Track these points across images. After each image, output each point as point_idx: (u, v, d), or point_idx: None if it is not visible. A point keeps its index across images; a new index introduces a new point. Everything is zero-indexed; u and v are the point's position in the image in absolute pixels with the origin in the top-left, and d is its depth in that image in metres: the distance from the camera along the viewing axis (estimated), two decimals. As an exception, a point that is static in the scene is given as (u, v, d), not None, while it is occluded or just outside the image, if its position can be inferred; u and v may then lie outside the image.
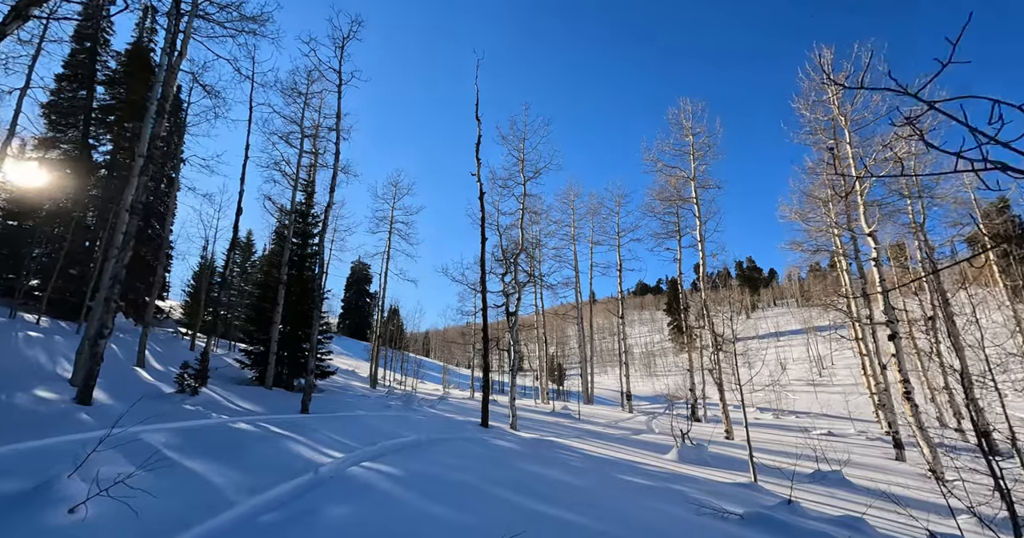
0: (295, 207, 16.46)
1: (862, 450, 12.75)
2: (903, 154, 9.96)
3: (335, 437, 7.23)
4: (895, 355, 10.06)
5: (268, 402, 10.94)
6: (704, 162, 16.97)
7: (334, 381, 22.63)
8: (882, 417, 18.30)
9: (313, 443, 6.50)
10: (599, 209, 25.82)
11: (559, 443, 9.90)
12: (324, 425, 8.12)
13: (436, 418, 11.69)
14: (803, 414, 23.83)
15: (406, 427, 9.33)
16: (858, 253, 12.63)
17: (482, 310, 11.65)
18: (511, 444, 8.76)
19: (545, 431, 12.72)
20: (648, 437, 13.09)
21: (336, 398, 14.25)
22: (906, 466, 10.45)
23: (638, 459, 8.92)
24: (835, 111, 11.34)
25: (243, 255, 32.02)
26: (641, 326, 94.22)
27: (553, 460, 7.68)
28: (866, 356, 19.25)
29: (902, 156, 10.04)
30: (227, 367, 17.15)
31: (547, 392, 25.78)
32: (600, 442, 10.91)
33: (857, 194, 10.85)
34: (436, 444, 7.77)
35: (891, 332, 10.18)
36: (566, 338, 62.66)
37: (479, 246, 12.06)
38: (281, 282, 15.62)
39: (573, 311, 29.15)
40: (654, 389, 49.48)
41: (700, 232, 16.50)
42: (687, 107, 17.07)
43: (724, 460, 9.50)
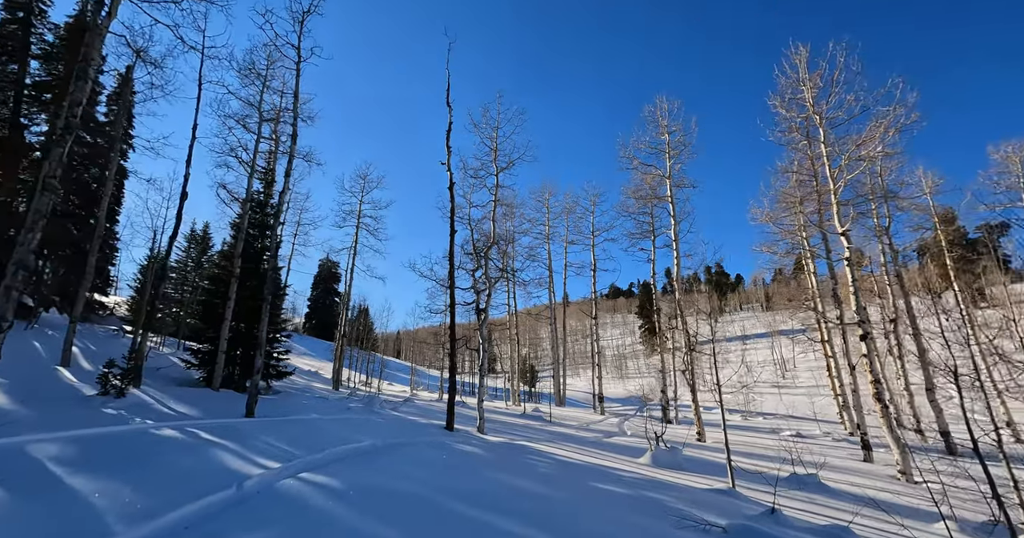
0: (251, 196, 15.33)
1: (831, 451, 12.75)
2: (876, 153, 9.93)
3: (276, 444, 6.42)
4: (866, 356, 9.99)
5: (210, 405, 9.92)
6: (679, 161, 16.87)
7: (293, 382, 21.39)
8: (846, 418, 18.63)
9: (247, 451, 5.69)
10: (574, 208, 25.58)
11: (529, 448, 9.33)
12: (267, 430, 7.28)
13: (398, 421, 10.92)
14: (770, 415, 24.16)
15: (362, 431, 8.55)
16: (829, 253, 12.65)
17: (450, 307, 10.97)
18: (477, 449, 8.13)
19: (515, 434, 12.14)
20: (621, 440, 12.70)
21: (291, 400, 13.25)
22: (875, 467, 10.41)
23: (612, 464, 8.44)
24: (810, 109, 11.28)
25: (199, 249, 30.11)
26: (613, 329, 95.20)
27: (522, 467, 7.10)
28: (831, 358, 19.59)
29: (875, 156, 10.02)
30: (172, 367, 15.82)
31: (518, 394, 25.23)
32: (572, 446, 10.42)
33: (831, 193, 10.78)
34: (393, 450, 7.05)
35: (863, 332, 10.11)
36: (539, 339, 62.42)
37: (448, 239, 11.40)
38: (234, 275, 14.46)
39: (546, 312, 28.75)
40: (625, 391, 49.78)
41: (674, 231, 16.34)
42: (663, 105, 16.94)
43: (699, 463, 9.16)
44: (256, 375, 9.43)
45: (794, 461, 8.20)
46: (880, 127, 9.51)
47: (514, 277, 17.50)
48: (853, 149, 9.91)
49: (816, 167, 12.77)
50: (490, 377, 51.80)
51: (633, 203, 20.38)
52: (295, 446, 6.43)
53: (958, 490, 7.28)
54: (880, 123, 9.55)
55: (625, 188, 19.57)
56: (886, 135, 9.45)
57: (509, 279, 20.94)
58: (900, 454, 9.09)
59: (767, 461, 9.86)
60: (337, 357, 21.96)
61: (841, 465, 10.31)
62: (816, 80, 11.30)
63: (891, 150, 9.91)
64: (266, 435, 6.86)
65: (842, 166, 10.58)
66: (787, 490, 7.12)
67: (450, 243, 11.26)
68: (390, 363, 47.89)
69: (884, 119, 9.59)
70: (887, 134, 9.43)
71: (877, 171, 14.85)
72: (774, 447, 12.74)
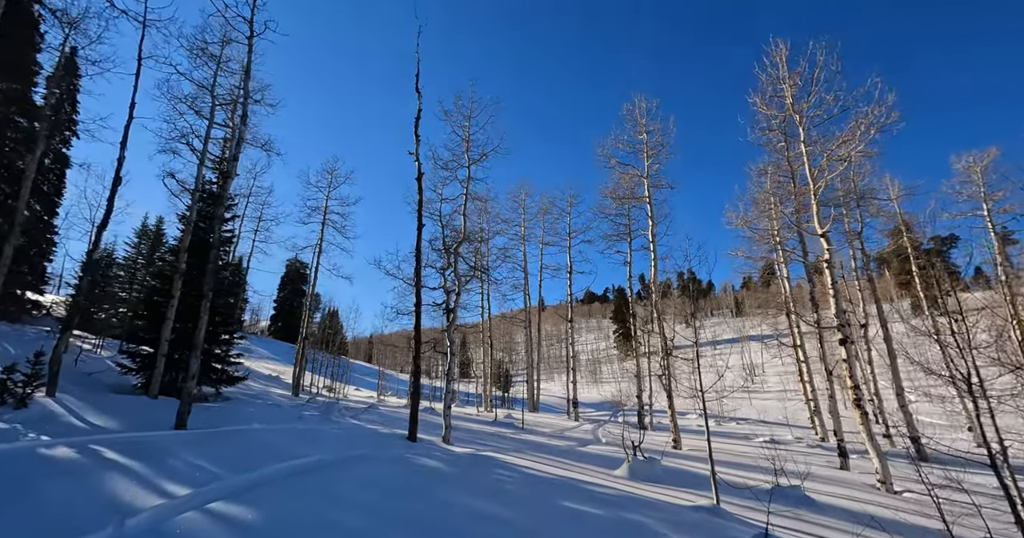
0: (201, 186, 14.10)
1: (806, 458, 12.48)
2: (857, 153, 9.73)
3: (199, 462, 5.48)
4: (846, 360, 9.72)
5: (137, 415, 8.77)
6: (657, 161, 16.55)
7: (249, 388, 19.96)
8: (817, 423, 18.67)
9: (156, 474, 4.75)
10: (550, 209, 25.08)
11: (497, 460, 8.58)
12: (194, 446, 6.29)
13: (356, 431, 9.99)
14: (743, 420, 24.13)
15: (311, 444, 7.62)
16: (806, 255, 12.46)
17: (415, 306, 10.15)
18: (439, 463, 7.33)
19: (483, 444, 11.36)
20: (595, 449, 12.09)
21: (239, 408, 12.09)
22: (853, 476, 10.14)
23: (586, 478, 7.79)
24: (790, 108, 11.06)
25: (151, 245, 28.09)
26: (588, 333, 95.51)
27: (487, 485, 6.35)
28: (804, 363, 19.65)
29: (855, 155, 9.82)
30: (107, 372, 14.32)
31: (491, 399, 24.42)
32: (544, 457, 9.72)
33: (811, 194, 10.54)
34: (341, 467, 6.19)
35: (842, 336, 9.85)
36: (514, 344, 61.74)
37: (415, 235, 10.58)
38: (178, 271, 13.20)
39: (521, 315, 28.12)
40: (600, 396, 49.56)
41: (652, 232, 15.97)
42: (641, 103, 16.62)
43: (678, 475, 8.61)
44: (190, 381, 8.35)
45: (776, 471, 7.74)
46: (861, 125, 9.31)
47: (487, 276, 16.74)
48: (835, 147, 9.69)
49: (794, 168, 12.62)
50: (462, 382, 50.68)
51: (610, 204, 20.02)
52: (222, 465, 5.50)
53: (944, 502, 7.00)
54: (861, 122, 9.35)
55: (603, 188, 19.20)
56: (867, 134, 9.26)
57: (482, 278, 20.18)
58: (880, 463, 8.80)
59: (747, 471, 9.43)
60: (298, 361, 20.63)
61: (820, 474, 9.98)
62: (796, 79, 11.10)
63: (871, 150, 9.77)
64: (190, 452, 5.89)
65: (823, 165, 10.37)
66: (772, 505, 6.63)
67: (417, 238, 10.45)
68: (358, 367, 46.21)
69: (865, 118, 9.40)
70: (868, 132, 9.23)
71: (850, 176, 14.87)
72: (752, 454, 12.39)
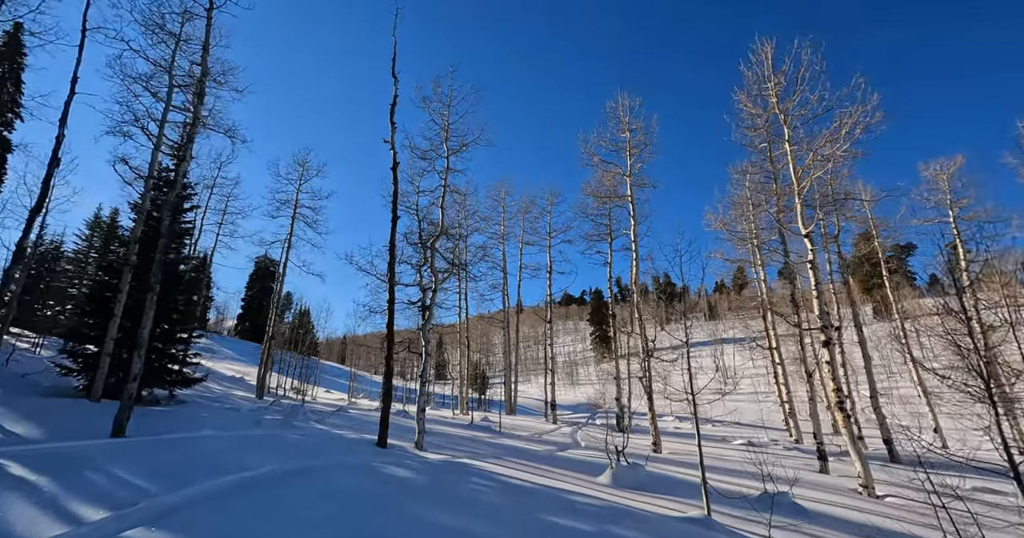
0: (154, 172, 13.04)
1: (785, 461, 12.40)
2: (842, 153, 9.65)
3: (130, 477, 4.75)
4: (828, 363, 9.59)
5: (68, 422, 7.83)
6: (640, 160, 16.36)
7: (208, 389, 18.77)
8: (791, 425, 18.82)
9: (71, 493, 4.03)
10: (531, 207, 24.68)
11: (472, 467, 8.03)
12: (128, 456, 5.52)
13: (319, 437, 9.25)
14: (718, 422, 24.24)
15: (266, 452, 6.90)
16: (788, 256, 12.40)
17: (388, 303, 9.50)
18: (409, 472, 6.73)
19: (459, 449, 10.78)
20: (576, 453, 11.68)
21: (192, 412, 11.15)
22: (835, 480, 10.03)
23: (568, 486, 7.32)
24: (775, 106, 10.96)
25: (103, 238, 26.31)
26: (565, 336, 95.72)
27: (460, 496, 5.80)
28: (779, 365, 19.82)
29: (841, 155, 9.75)
30: (45, 373, 13.07)
31: (467, 402, 23.77)
32: (522, 463, 9.22)
33: (795, 194, 10.43)
34: (296, 478, 5.53)
35: (825, 338, 9.72)
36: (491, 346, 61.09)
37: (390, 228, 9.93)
38: (128, 264, 12.14)
39: (500, 315, 27.61)
40: (576, 398, 49.46)
41: (634, 232, 15.73)
42: (625, 101, 16.40)
43: (663, 481, 8.26)
44: (131, 382, 7.50)
45: (764, 477, 7.46)
46: (846, 124, 9.22)
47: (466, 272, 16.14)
48: (821, 146, 9.58)
49: (777, 168, 12.56)
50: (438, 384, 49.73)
51: (592, 203, 19.76)
52: (156, 479, 4.78)
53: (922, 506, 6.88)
54: (846, 121, 9.27)
55: (584, 186, 18.90)
56: (852, 133, 9.18)
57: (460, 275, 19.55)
58: (863, 468, 8.67)
59: (732, 476, 9.17)
60: (263, 361, 19.52)
61: (803, 478, 9.81)
62: (780, 78, 11.02)
63: (856, 151, 9.73)
64: (119, 464, 5.13)
65: (808, 164, 10.27)
66: (762, 514, 6.31)
67: (391, 231, 9.81)
68: (329, 368, 44.74)
69: (849, 118, 9.33)
70: (853, 132, 9.16)
71: (827, 180, 14.99)
72: (733, 458, 12.21)
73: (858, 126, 9.15)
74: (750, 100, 11.29)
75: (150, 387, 13.36)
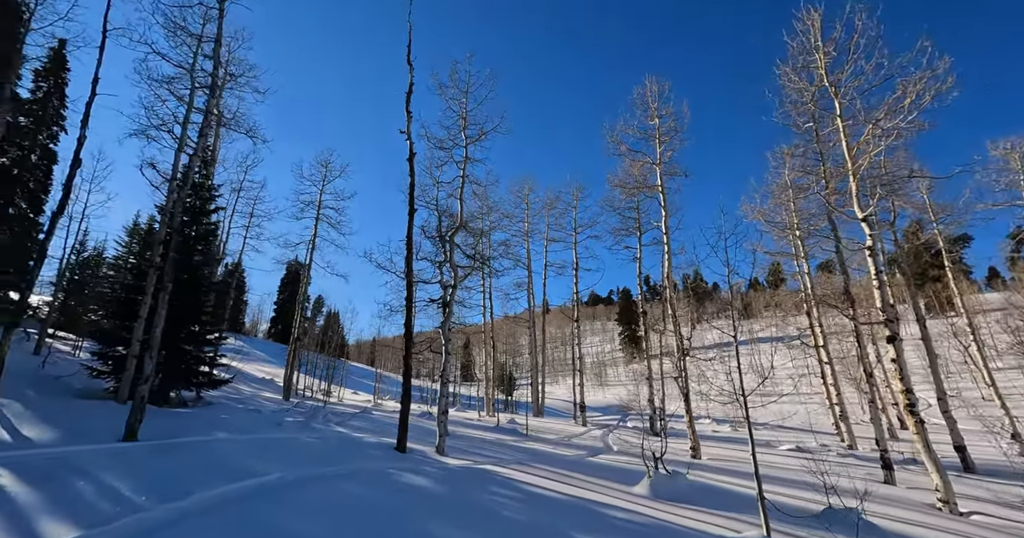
0: (176, 173, 13.07)
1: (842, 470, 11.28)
2: (907, 126, 8.54)
3: (120, 487, 4.38)
4: (895, 360, 8.50)
5: (84, 425, 7.69)
6: (670, 147, 15.41)
7: (238, 391, 18.94)
8: (843, 429, 17.38)
9: (49, 506, 3.66)
10: (555, 203, 23.95)
11: (496, 475, 7.44)
12: (125, 463, 5.21)
13: (337, 441, 8.86)
14: (760, 425, 22.80)
15: (277, 458, 6.51)
16: (840, 244, 11.26)
17: (406, 300, 9.05)
18: (426, 481, 6.20)
19: (483, 454, 10.21)
20: (607, 459, 10.92)
21: (213, 414, 11.01)
22: (905, 492, 8.91)
23: (601, 497, 6.62)
24: (824, 79, 9.91)
25: (142, 244, 27.20)
26: (592, 336, 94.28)
27: (481, 509, 5.21)
28: (827, 364, 18.38)
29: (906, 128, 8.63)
30: (78, 375, 13.27)
31: (493, 403, 23.25)
32: (550, 470, 8.56)
33: (849, 174, 9.38)
34: (303, 488, 5.07)
35: (891, 333, 8.65)
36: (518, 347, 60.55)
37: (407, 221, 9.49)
38: (153, 266, 12.17)
39: (525, 315, 27.00)
40: (605, 399, 48.30)
41: (665, 223, 14.81)
42: (653, 87, 15.51)
43: (707, 493, 7.42)
44: (143, 385, 7.28)
45: (826, 489, 6.55)
46: (913, 92, 8.13)
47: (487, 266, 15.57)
48: (881, 117, 8.51)
49: (825, 148, 11.44)
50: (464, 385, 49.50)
51: (619, 196, 18.90)
52: (151, 489, 4.39)
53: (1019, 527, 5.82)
54: (912, 89, 8.17)
55: (611, 177, 18.05)
56: (920, 101, 8.08)
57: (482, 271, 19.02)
58: (942, 480, 7.58)
59: (786, 486, 8.24)
60: (290, 363, 19.57)
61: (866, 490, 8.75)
62: (830, 48, 9.96)
63: (923, 122, 8.59)
64: (116, 472, 4.79)
65: (864, 140, 9.19)
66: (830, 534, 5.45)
67: (408, 225, 9.37)
68: (357, 370, 45.19)
69: (916, 85, 8.22)
70: (922, 100, 8.06)
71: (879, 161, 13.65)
72: (783, 465, 11.19)
73: (927, 93, 8.05)
74: (795, 73, 10.26)
75: (177, 389, 13.41)
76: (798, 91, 10.52)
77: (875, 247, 8.94)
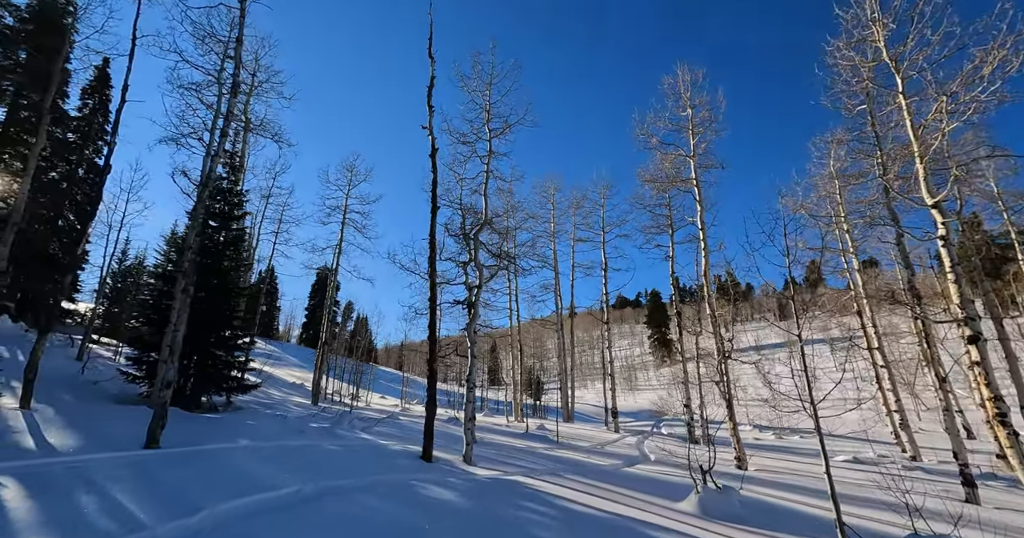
0: (205, 179, 13.19)
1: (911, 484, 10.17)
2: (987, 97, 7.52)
3: (122, 500, 4.09)
4: (979, 363, 7.48)
5: (111, 430, 7.60)
6: (704, 139, 14.57)
7: (269, 396, 19.08)
8: (904, 439, 15.91)
9: (28, 522, 3.36)
10: (582, 202, 23.27)
11: (526, 487, 6.89)
12: (136, 473, 4.95)
13: (361, 449, 8.52)
14: (806, 433, 21.33)
15: (297, 468, 6.18)
16: (901, 238, 10.18)
17: (429, 301, 8.67)
18: (452, 494, 5.72)
19: (512, 463, 9.67)
20: (645, 469, 10.19)
21: (239, 419, 10.91)
22: (998, 515, 7.81)
23: (643, 515, 5.97)
24: (883, 53, 8.98)
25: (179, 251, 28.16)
26: (621, 340, 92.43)
27: (512, 529, 4.69)
28: (883, 367, 16.94)
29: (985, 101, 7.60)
30: (114, 379, 13.53)
31: (522, 408, 22.68)
32: (585, 482, 7.94)
33: (915, 156, 8.42)
34: (319, 502, 4.68)
35: (972, 333, 7.63)
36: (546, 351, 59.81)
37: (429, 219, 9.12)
38: (181, 271, 12.26)
39: (552, 317, 26.35)
40: (636, 404, 46.93)
41: (700, 219, 13.96)
42: (685, 75, 14.72)
43: (765, 511, 6.64)
44: (165, 390, 7.12)
45: (910, 511, 5.70)
46: (994, 60, 7.15)
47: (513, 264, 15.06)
48: (957, 88, 7.55)
49: (882, 130, 10.43)
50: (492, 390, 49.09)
51: (649, 193, 18.12)
52: (158, 504, 4.08)
53: None
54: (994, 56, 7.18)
55: (642, 171, 17.29)
56: (1005, 67, 7.10)
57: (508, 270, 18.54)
58: (1045, 500, 6.53)
59: (852, 504, 7.33)
60: (318, 367, 19.61)
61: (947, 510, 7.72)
62: (889, 19, 9.02)
63: (1005, 93, 7.56)
64: (126, 484, 4.52)
65: (932, 118, 8.22)
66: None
67: (431, 223, 9.00)
68: (387, 374, 45.49)
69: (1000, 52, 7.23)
70: (1008, 66, 7.07)
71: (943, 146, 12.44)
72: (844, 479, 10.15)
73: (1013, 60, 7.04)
74: (849, 48, 9.34)
75: (208, 394, 13.49)
76: (851, 69, 9.59)
77: (949, 236, 7.95)
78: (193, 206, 13.09)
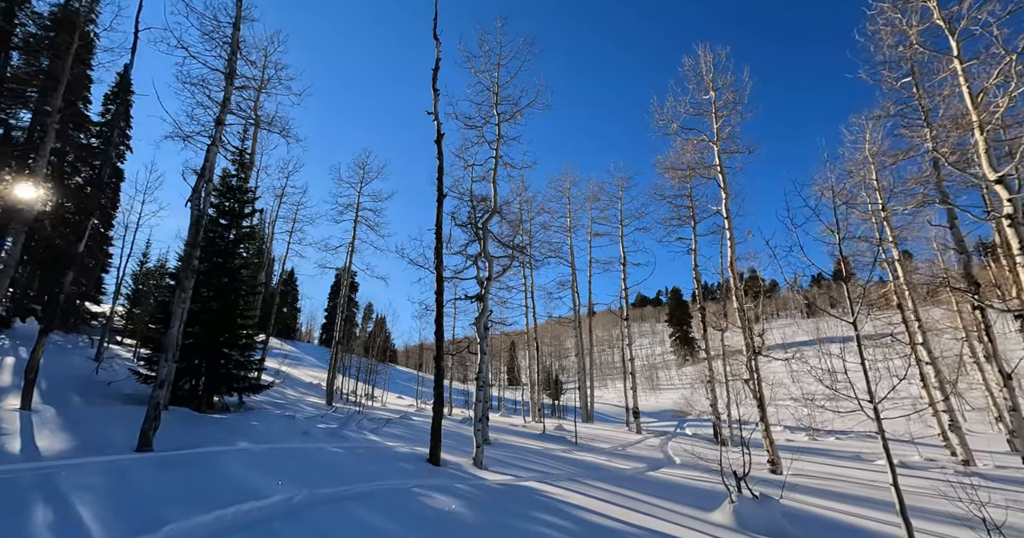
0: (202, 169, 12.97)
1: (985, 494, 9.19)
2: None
3: (84, 514, 3.65)
4: (1055, 356, 6.55)
5: (108, 432, 7.33)
6: (729, 123, 13.69)
7: (283, 395, 18.96)
8: (954, 441, 14.70)
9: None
10: (599, 195, 22.51)
11: (543, 495, 6.30)
12: (119, 480, 4.56)
13: (365, 451, 8.06)
14: (841, 434, 20.12)
15: (294, 472, 5.73)
16: (954, 221, 9.20)
17: (436, 294, 8.15)
18: (457, 504, 5.17)
19: (527, 467, 9.08)
20: (671, 474, 9.47)
21: (245, 420, 10.60)
22: (1076, 528, 6.88)
23: (673, 528, 5.32)
24: (935, 13, 8.06)
25: (198, 253, 28.52)
26: (641, 338, 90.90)
27: (523, 549, 4.09)
28: (929, 364, 15.71)
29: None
30: (127, 380, 13.47)
31: (539, 408, 22.06)
32: (606, 488, 7.29)
33: (974, 126, 7.50)
34: (306, 515, 4.19)
35: (1047, 322, 6.69)
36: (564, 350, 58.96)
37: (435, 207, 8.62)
38: (190, 269, 12.07)
39: (570, 316, 25.66)
40: (658, 404, 45.74)
41: (725, 207, 13.11)
42: (707, 56, 13.86)
43: (811, 524, 5.90)
44: (160, 389, 6.79)
45: (988, 527, 4.90)
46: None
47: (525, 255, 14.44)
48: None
49: (930, 102, 9.46)
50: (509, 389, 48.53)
51: (669, 184, 17.29)
52: (125, 516, 3.64)
53: None
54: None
55: (660, 159, 16.45)
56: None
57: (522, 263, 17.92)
58: None
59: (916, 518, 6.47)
60: (332, 366, 19.39)
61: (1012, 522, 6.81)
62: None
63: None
64: (101, 493, 4.11)
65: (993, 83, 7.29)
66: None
67: (437, 212, 8.49)
68: (401, 373, 45.42)
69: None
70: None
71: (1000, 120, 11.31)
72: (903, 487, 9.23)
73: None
74: (895, 10, 8.44)
75: (220, 393, 13.31)
76: (897, 33, 8.67)
77: (1017, 215, 7.02)
78: (189, 195, 12.90)
